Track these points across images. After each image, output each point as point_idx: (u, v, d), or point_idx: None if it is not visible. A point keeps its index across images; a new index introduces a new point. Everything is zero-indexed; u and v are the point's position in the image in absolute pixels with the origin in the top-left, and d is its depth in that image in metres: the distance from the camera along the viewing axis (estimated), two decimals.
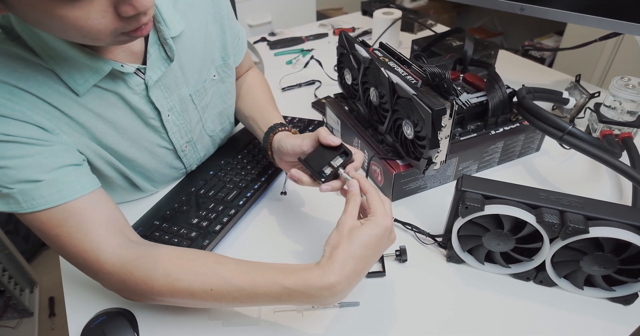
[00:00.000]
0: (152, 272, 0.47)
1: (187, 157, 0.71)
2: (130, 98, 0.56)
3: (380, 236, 0.46)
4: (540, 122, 0.64)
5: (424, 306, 0.54)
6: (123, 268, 0.48)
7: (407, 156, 0.64)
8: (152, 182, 0.69)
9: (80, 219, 0.48)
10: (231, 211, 0.64)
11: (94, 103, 0.54)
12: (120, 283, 0.49)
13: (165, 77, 0.59)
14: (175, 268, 0.48)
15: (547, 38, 2.23)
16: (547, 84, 0.98)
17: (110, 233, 0.50)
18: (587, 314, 0.52)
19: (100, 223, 0.49)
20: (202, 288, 0.47)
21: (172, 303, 0.50)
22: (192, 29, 0.61)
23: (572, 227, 0.46)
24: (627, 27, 0.73)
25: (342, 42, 0.73)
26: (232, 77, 0.72)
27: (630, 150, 0.67)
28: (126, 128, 0.58)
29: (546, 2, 0.81)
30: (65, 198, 0.48)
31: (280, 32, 1.33)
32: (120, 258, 0.48)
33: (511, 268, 0.55)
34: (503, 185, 0.52)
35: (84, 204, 0.49)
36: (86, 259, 0.48)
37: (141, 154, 0.63)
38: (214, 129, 0.74)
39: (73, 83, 0.50)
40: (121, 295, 0.51)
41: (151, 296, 0.48)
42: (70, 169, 0.50)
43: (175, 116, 0.63)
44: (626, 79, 0.70)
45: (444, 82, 0.55)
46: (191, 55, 0.62)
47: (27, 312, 1.43)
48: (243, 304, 0.48)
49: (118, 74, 0.53)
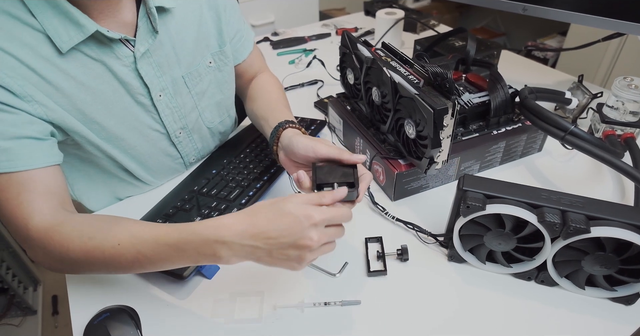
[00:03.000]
0: (69, 234, 0.49)
1: (183, 146, 0.71)
2: (117, 69, 0.57)
3: (295, 220, 0.43)
4: (542, 122, 0.64)
5: (425, 305, 0.54)
6: (45, 234, 0.49)
7: (409, 155, 0.64)
8: (149, 170, 0.70)
9: (21, 188, 0.50)
10: (233, 210, 0.64)
11: (78, 71, 0.54)
12: (42, 248, 0.50)
13: (157, 54, 0.60)
14: (89, 228, 0.49)
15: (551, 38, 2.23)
16: (550, 85, 0.98)
17: (46, 204, 0.51)
18: (588, 314, 0.52)
19: (39, 194, 0.51)
20: (111, 244, 0.48)
21: (89, 270, 0.52)
22: (186, 9, 0.63)
23: (574, 227, 0.46)
24: (630, 28, 0.72)
25: (345, 42, 0.74)
26: (228, 66, 0.73)
27: (632, 150, 0.67)
28: (113, 102, 0.59)
29: (548, 2, 0.81)
30: (13, 168, 0.50)
31: (283, 32, 1.34)
32: (45, 224, 0.50)
33: (512, 268, 0.55)
34: (504, 185, 0.52)
35: (30, 176, 0.51)
36: (17, 225, 0.50)
37: (131, 134, 0.63)
38: (212, 121, 0.75)
39: (57, 39, 0.51)
40: (44, 265, 0.52)
41: (68, 261, 0.50)
42: (27, 142, 0.51)
43: (168, 97, 0.64)
44: (629, 79, 0.70)
45: (446, 82, 0.55)
46: (184, 35, 0.63)
47: (31, 310, 1.43)
48: (149, 261, 0.48)
49: (104, 40, 0.54)
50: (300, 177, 0.53)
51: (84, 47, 0.54)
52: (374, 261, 0.59)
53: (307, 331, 0.52)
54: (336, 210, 0.46)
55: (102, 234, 0.49)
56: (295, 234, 0.43)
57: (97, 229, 0.49)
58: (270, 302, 0.55)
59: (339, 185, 0.50)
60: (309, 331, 0.52)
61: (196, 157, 0.76)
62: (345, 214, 0.47)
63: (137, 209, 0.68)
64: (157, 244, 0.47)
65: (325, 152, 0.53)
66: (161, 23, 0.60)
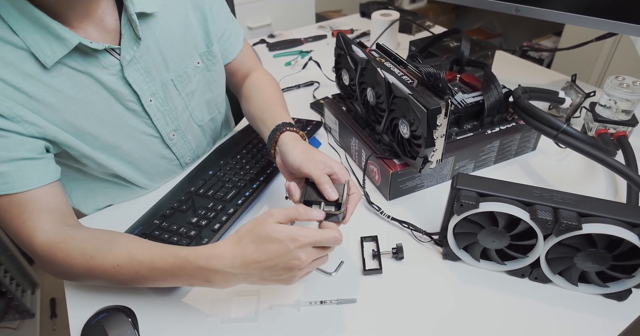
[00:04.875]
0: (70, 252, 0.51)
1: (177, 147, 0.72)
2: (105, 79, 0.57)
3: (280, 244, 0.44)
4: (535, 121, 0.64)
5: (421, 303, 0.54)
6: (49, 250, 0.51)
7: (403, 155, 0.65)
8: (146, 175, 0.70)
9: (22, 208, 0.52)
10: (230, 210, 0.64)
11: (65, 84, 0.54)
12: (48, 263, 0.53)
13: (144, 60, 0.60)
14: (90, 246, 0.51)
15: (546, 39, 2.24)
16: (544, 84, 0.99)
17: (47, 222, 0.53)
18: (581, 310, 0.52)
19: (40, 212, 0.53)
20: (111, 263, 0.50)
21: (92, 282, 0.55)
22: (170, 13, 0.62)
23: (566, 224, 0.47)
24: (622, 27, 0.73)
25: (340, 43, 0.74)
26: (217, 66, 0.72)
27: (625, 149, 0.67)
28: (104, 111, 0.59)
29: (541, 3, 0.82)
30: (10, 190, 0.51)
31: (279, 34, 1.34)
32: (48, 242, 0.52)
33: (506, 265, 0.56)
34: (497, 183, 0.53)
35: (29, 196, 0.52)
36: (22, 241, 0.53)
37: (125, 141, 0.63)
38: (202, 119, 0.75)
39: (41, 54, 0.51)
40: (51, 274, 0.55)
41: (72, 275, 0.53)
42: (22, 163, 0.51)
43: (159, 101, 0.64)
44: (620, 78, 0.71)
45: (439, 81, 0.56)
46: (171, 39, 0.63)
47: (29, 313, 1.43)
48: (147, 280, 0.51)
49: (89, 51, 0.54)
50: (291, 190, 0.53)
51: (68, 60, 0.53)
52: (370, 260, 0.60)
53: (303, 329, 0.52)
54: (323, 233, 0.46)
55: (102, 254, 0.50)
56: (284, 256, 0.44)
57: (97, 249, 0.51)
58: (266, 301, 0.55)
59: (325, 204, 0.51)
60: (305, 329, 0.52)
61: (191, 157, 0.77)
62: (331, 238, 0.47)
63: (135, 210, 0.68)
64: (153, 268, 0.49)
65: (307, 172, 0.53)
66: (145, 28, 0.59)
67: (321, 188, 0.52)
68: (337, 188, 0.52)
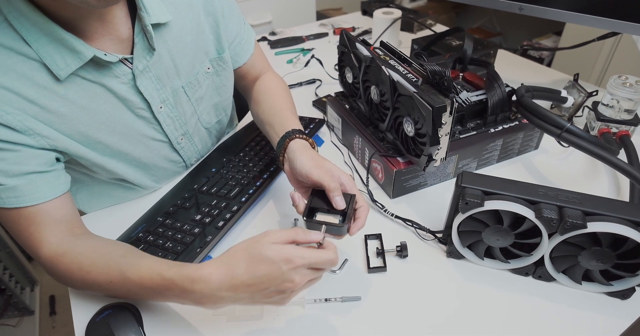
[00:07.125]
0: (69, 266, 0.51)
1: (185, 150, 0.72)
2: (116, 88, 0.56)
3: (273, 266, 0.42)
4: (538, 120, 0.64)
5: (425, 300, 0.54)
6: (52, 262, 0.52)
7: (407, 153, 0.65)
8: (152, 177, 0.70)
9: (30, 221, 0.52)
10: (234, 208, 0.64)
11: (77, 95, 0.54)
12: (52, 274, 0.54)
13: (156, 68, 0.60)
14: (87, 262, 0.51)
15: (546, 38, 2.24)
16: (546, 83, 0.99)
17: (53, 234, 0.53)
18: (585, 308, 0.53)
19: (47, 225, 0.53)
20: (105, 280, 0.50)
21: (93, 293, 0.55)
22: (182, 20, 0.62)
23: (571, 222, 0.47)
24: (624, 27, 0.73)
25: (343, 41, 0.74)
26: (227, 71, 0.72)
27: (627, 148, 0.68)
28: (115, 120, 0.58)
29: (545, 2, 0.82)
30: (20, 204, 0.51)
31: (280, 31, 1.34)
32: (51, 254, 0.52)
33: (510, 264, 0.56)
34: (502, 181, 0.53)
35: (37, 210, 0.52)
36: (30, 251, 0.54)
37: (135, 147, 0.63)
38: (209, 122, 0.75)
39: (55, 66, 0.50)
40: (58, 282, 0.55)
41: (74, 286, 0.54)
42: (32, 177, 0.51)
43: (169, 108, 0.64)
44: (623, 77, 0.71)
45: (445, 80, 0.56)
46: (182, 46, 0.62)
47: (28, 310, 1.43)
48: (140, 297, 0.52)
49: (103, 62, 0.53)
50: (295, 200, 0.53)
51: (81, 72, 0.53)
52: (374, 258, 0.60)
53: (308, 327, 0.52)
54: (319, 255, 0.44)
55: (96, 270, 0.50)
56: (276, 279, 0.43)
57: (93, 264, 0.51)
58: None
59: (331, 214, 0.52)
60: (310, 327, 0.52)
61: (197, 158, 0.77)
62: (327, 260, 0.44)
63: (138, 207, 0.68)
64: (142, 287, 0.48)
65: (316, 179, 0.53)
66: (159, 37, 0.58)
67: (330, 195, 0.51)
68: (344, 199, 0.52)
